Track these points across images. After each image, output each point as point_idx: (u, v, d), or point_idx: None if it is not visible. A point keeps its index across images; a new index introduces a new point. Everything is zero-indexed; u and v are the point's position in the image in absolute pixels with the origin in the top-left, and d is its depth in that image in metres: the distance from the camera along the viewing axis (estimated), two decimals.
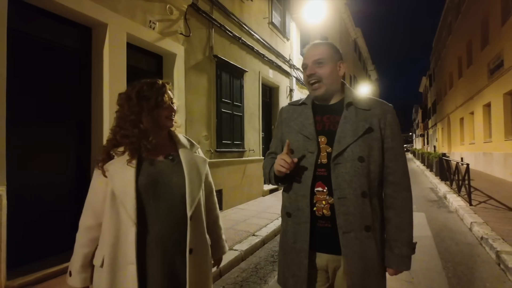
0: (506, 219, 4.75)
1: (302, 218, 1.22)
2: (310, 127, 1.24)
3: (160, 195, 1.21)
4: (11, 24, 2.58)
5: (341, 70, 1.27)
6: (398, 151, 1.23)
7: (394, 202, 1.23)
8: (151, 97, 1.23)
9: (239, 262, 3.47)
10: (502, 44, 9.91)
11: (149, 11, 3.98)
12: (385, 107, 1.25)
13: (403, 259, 1.20)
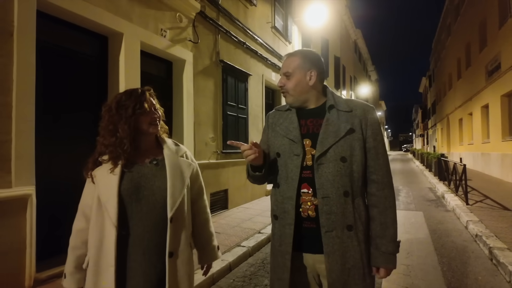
0: (501, 218, 4.96)
1: (287, 220, 1.23)
2: (295, 130, 1.28)
3: (142, 199, 1.24)
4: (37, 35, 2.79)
5: (312, 79, 1.27)
6: (380, 151, 1.25)
7: (378, 201, 1.25)
8: (129, 106, 1.26)
9: (247, 258, 3.68)
10: (499, 46, 10.11)
11: (160, 20, 4.19)
12: (366, 108, 1.28)
13: (389, 257, 1.22)
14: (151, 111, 1.30)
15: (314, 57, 1.31)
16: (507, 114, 10.10)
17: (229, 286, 2.96)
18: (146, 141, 1.33)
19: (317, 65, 1.29)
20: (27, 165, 2.63)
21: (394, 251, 1.22)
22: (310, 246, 1.23)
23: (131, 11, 3.72)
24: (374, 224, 1.24)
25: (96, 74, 3.58)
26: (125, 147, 1.23)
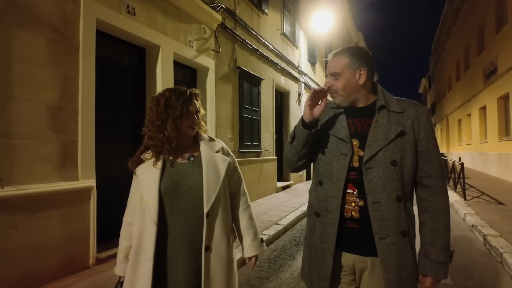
0: (495, 211, 5.43)
1: (330, 219, 1.20)
2: (344, 129, 1.23)
3: (181, 195, 1.27)
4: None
5: (362, 78, 1.21)
6: (433, 154, 1.19)
7: (430, 206, 1.18)
8: (177, 107, 1.29)
9: (268, 245, 4.14)
10: (496, 51, 10.58)
11: (189, 32, 4.66)
12: (420, 109, 1.21)
13: (440, 266, 1.15)
14: (192, 116, 1.35)
15: (363, 53, 1.24)
16: (503, 116, 10.58)
17: (258, 266, 3.41)
18: (185, 140, 1.38)
19: (367, 62, 1.22)
20: (90, 161, 3.10)
21: (445, 261, 1.15)
22: (351, 246, 1.20)
23: (165, 25, 4.19)
24: (425, 230, 1.19)
25: (135, 81, 4.05)
26: (172, 145, 1.29)
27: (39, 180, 2.66)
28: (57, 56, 2.84)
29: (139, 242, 1.25)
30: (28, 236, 2.53)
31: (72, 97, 2.96)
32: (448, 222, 1.18)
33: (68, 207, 2.85)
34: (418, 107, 1.22)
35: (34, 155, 2.64)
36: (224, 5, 5.47)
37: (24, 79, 2.58)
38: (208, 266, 1.24)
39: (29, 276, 2.52)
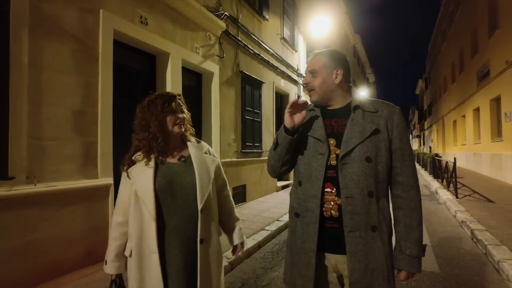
0: (484, 208, 5.74)
1: (311, 218, 1.22)
2: (321, 130, 1.26)
3: (176, 193, 1.36)
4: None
5: (338, 78, 1.26)
6: (406, 152, 1.23)
7: (403, 202, 1.23)
8: (158, 103, 1.39)
9: (271, 239, 4.42)
10: (488, 55, 10.92)
11: (195, 39, 4.94)
12: (392, 109, 1.26)
13: (413, 260, 1.19)
14: (177, 112, 1.42)
15: (341, 56, 1.30)
16: (496, 117, 10.91)
17: (262, 258, 3.69)
18: (173, 140, 1.46)
19: (343, 64, 1.28)
20: (108, 161, 3.37)
21: (418, 255, 1.20)
22: (332, 246, 1.22)
23: (174, 33, 4.47)
24: (399, 226, 1.23)
25: (146, 86, 4.32)
26: (158, 140, 1.36)
27: (65, 178, 2.93)
28: (80, 64, 3.11)
29: (140, 239, 1.31)
30: (56, 228, 2.80)
31: (92, 102, 3.23)
32: (420, 217, 1.22)
33: (89, 203, 3.12)
34: (391, 107, 1.27)
35: (60, 155, 2.90)
36: (228, 13, 5.76)
37: (52, 86, 2.84)
38: (203, 257, 1.35)
39: (56, 264, 2.79)
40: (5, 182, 2.49)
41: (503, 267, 3.05)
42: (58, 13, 2.91)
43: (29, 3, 2.67)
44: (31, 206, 2.62)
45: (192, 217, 1.35)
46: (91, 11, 3.23)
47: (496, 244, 3.65)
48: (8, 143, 2.52)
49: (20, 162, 2.59)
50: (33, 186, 2.65)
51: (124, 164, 1.40)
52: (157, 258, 1.28)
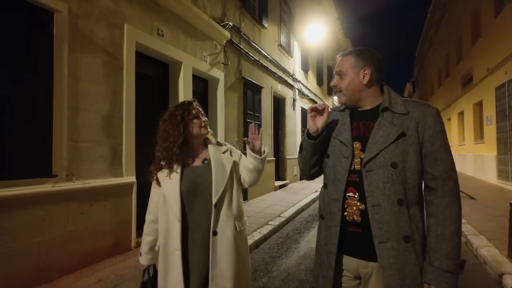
0: (467, 204, 6.27)
1: (333, 221, 1.22)
2: (346, 132, 1.24)
3: (199, 194, 1.48)
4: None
5: (365, 78, 1.21)
6: (440, 156, 1.12)
7: (436, 210, 1.12)
8: (178, 114, 1.51)
9: (275, 232, 4.82)
10: (472, 62, 11.60)
11: (203, 48, 5.32)
12: (426, 110, 1.17)
13: (443, 274, 1.06)
14: (198, 116, 1.55)
15: (370, 55, 1.24)
16: (478, 121, 11.60)
17: (269, 249, 4.08)
18: (197, 143, 1.58)
19: (372, 63, 1.23)
20: (131, 161, 3.71)
21: (450, 269, 1.07)
22: (353, 250, 1.20)
23: (186, 44, 4.83)
24: (430, 235, 1.12)
25: (160, 92, 4.67)
26: (174, 149, 1.48)
27: (97, 176, 3.27)
28: (109, 74, 3.45)
29: (166, 236, 1.44)
30: (90, 221, 3.14)
31: (118, 107, 3.57)
32: (456, 227, 1.09)
33: (116, 199, 3.46)
34: (425, 108, 1.17)
35: (93, 156, 3.24)
36: (232, 23, 6.15)
37: (86, 94, 3.18)
38: (215, 248, 1.43)
39: (92, 253, 3.13)
40: (50, 179, 2.82)
41: (480, 253, 3.53)
42: (91, 29, 3.26)
43: (69, 21, 3.01)
44: (71, 201, 2.96)
45: (211, 213, 1.45)
46: (117, 25, 3.58)
47: (475, 234, 4.14)
48: (52, 145, 2.86)
49: (61, 162, 2.92)
50: (72, 183, 2.99)
51: (152, 174, 1.54)
52: (179, 255, 1.40)
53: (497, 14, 8.86)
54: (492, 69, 9.28)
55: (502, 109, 8.68)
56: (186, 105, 1.56)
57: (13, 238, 2.49)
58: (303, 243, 4.28)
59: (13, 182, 2.54)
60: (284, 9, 9.85)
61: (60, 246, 2.84)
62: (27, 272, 2.58)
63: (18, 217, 2.53)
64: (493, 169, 9.49)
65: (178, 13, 4.57)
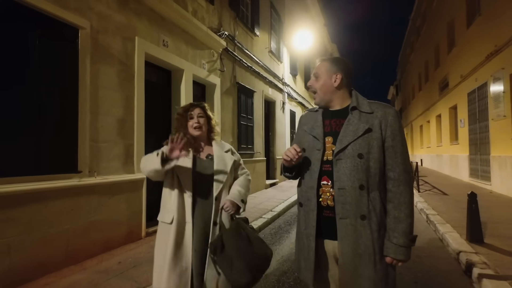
0: (439, 199, 6.95)
1: (310, 206, 1.37)
2: (318, 128, 1.42)
3: (203, 183, 1.72)
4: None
5: (337, 82, 1.39)
6: (398, 150, 1.31)
7: (393, 196, 1.30)
8: (184, 115, 1.81)
9: (268, 224, 5.32)
10: (448, 68, 12.46)
11: (202, 56, 5.78)
12: (387, 110, 1.35)
13: (399, 249, 1.26)
14: (193, 118, 1.79)
15: (343, 63, 1.44)
16: (454, 123, 12.46)
17: (263, 238, 4.58)
18: (202, 141, 1.84)
19: (343, 70, 1.41)
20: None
21: (405, 244, 1.27)
22: (329, 233, 1.35)
23: (187, 52, 5.28)
24: (389, 218, 1.31)
25: (164, 96, 5.10)
26: (191, 142, 1.78)
27: (113, 172, 3.69)
28: (122, 82, 3.88)
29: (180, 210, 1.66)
30: (109, 212, 3.56)
31: (130, 112, 4.00)
32: (409, 210, 1.30)
33: (129, 193, 3.88)
34: (387, 108, 1.37)
35: (110, 155, 3.66)
36: (227, 32, 6.63)
37: (104, 100, 3.60)
38: (213, 236, 1.65)
39: (110, 240, 3.55)
40: (76, 175, 3.23)
41: (445, 237, 4.13)
42: (109, 42, 3.68)
43: (90, 36, 3.43)
44: (93, 194, 3.37)
45: (212, 202, 1.69)
46: (130, 38, 4.01)
47: (443, 223, 4.76)
48: (77, 144, 3.27)
49: (85, 160, 3.34)
50: (94, 178, 3.41)
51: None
52: (191, 227, 1.64)
53: (468, 25, 9.67)
54: (464, 76, 10.09)
55: (473, 113, 9.48)
56: (187, 107, 1.84)
57: (48, 225, 2.90)
58: (293, 233, 4.79)
59: (48, 177, 2.95)
60: (274, 17, 10.40)
61: (84, 233, 3.25)
62: (58, 255, 2.98)
63: (52, 207, 2.94)
64: (465, 168, 10.30)
65: (180, 25, 5.02)
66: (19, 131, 2.80)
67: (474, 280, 2.89)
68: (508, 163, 7.05)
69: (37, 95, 2.94)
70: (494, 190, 7.78)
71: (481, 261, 3.11)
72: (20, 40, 2.82)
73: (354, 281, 1.29)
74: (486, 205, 6.02)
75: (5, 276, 2.55)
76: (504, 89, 7.16)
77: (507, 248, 3.50)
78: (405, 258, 1.29)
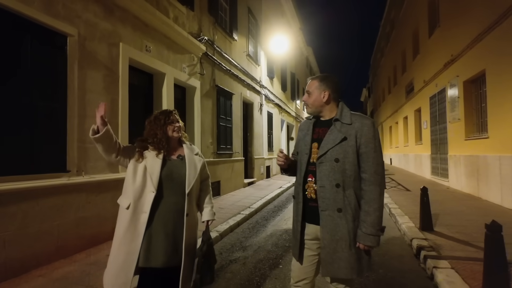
0: (402, 195, 7.62)
1: (299, 199, 1.70)
2: (308, 136, 1.71)
3: (174, 179, 1.87)
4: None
5: (325, 97, 1.67)
6: (370, 155, 1.55)
7: (364, 194, 1.56)
8: (162, 118, 1.94)
9: (246, 220, 5.67)
10: (413, 74, 13.39)
11: (183, 61, 6.03)
12: (364, 121, 1.60)
13: (368, 237, 1.52)
14: (174, 122, 1.97)
15: (330, 80, 1.70)
16: (418, 125, 13.42)
17: (242, 232, 4.92)
18: (173, 143, 2.00)
19: (330, 87, 1.68)
20: None
21: (372, 233, 1.52)
22: (312, 219, 1.66)
23: (168, 57, 5.53)
24: (361, 211, 1.56)
25: (146, 99, 5.32)
26: (163, 144, 1.90)
27: (99, 172, 3.90)
28: (108, 86, 4.09)
29: (138, 199, 1.78)
30: (96, 209, 3.77)
31: (115, 114, 4.21)
32: (378, 205, 1.54)
33: (114, 191, 4.08)
34: (364, 119, 1.61)
35: (96, 155, 3.85)
36: (207, 37, 6.92)
37: (91, 103, 3.80)
38: (187, 225, 1.87)
39: (97, 235, 3.76)
40: (65, 174, 3.43)
41: (402, 228, 4.67)
42: (95, 48, 3.88)
43: (78, 42, 3.62)
44: (81, 192, 3.58)
45: (183, 198, 1.86)
46: (115, 44, 4.22)
47: (402, 215, 5.33)
48: (66, 145, 3.47)
49: (73, 160, 3.53)
50: (82, 177, 3.61)
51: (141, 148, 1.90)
52: (146, 217, 1.77)
53: (430, 35, 10.52)
54: (427, 81, 10.95)
55: (434, 116, 10.34)
56: (168, 112, 2.00)
57: (40, 221, 3.09)
58: (269, 227, 5.19)
59: (39, 176, 3.13)
60: (252, 22, 10.77)
61: (73, 228, 3.45)
62: (50, 249, 3.18)
63: (44, 204, 3.13)
64: (428, 166, 11.19)
65: (162, 31, 5.26)
66: (14, 133, 2.97)
67: (421, 261, 3.40)
68: (461, 161, 7.85)
69: (30, 100, 3.11)
70: (451, 186, 8.60)
71: (428, 245, 3.64)
72: (14, 48, 2.99)
73: (332, 261, 1.58)
74: (441, 199, 6.73)
75: (1, 268, 2.73)
76: (458, 95, 7.95)
77: (451, 234, 4.08)
78: (372, 244, 1.54)
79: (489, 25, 6.13)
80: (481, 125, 7.20)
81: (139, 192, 1.80)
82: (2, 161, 2.87)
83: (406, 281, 2.97)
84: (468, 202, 6.39)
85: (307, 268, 1.74)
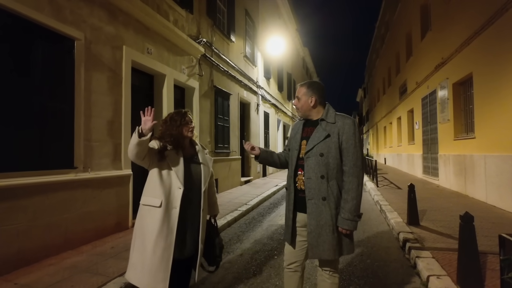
0: (393, 193, 7.89)
1: (290, 190, 1.91)
2: (298, 135, 1.96)
3: (191, 176, 2.01)
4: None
5: (312, 102, 1.89)
6: (350, 150, 1.77)
7: (344, 184, 1.77)
8: (178, 120, 2.02)
9: (243, 216, 5.90)
10: (406, 75, 13.70)
11: (182, 62, 6.24)
12: (346, 120, 1.82)
13: (346, 221, 1.74)
14: (189, 123, 2.07)
15: (317, 86, 1.93)
16: (411, 125, 13.73)
17: (239, 227, 5.15)
18: (186, 142, 2.09)
19: (317, 93, 1.90)
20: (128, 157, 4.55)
21: (349, 218, 1.73)
22: (302, 208, 1.86)
23: (168, 59, 5.74)
24: (342, 200, 1.78)
25: (146, 99, 5.52)
26: (181, 143, 2.02)
27: (104, 168, 4.10)
28: (112, 87, 4.29)
29: (168, 196, 1.90)
30: (100, 204, 3.97)
31: (118, 114, 4.42)
32: (356, 194, 1.75)
33: (118, 187, 4.30)
34: (345, 119, 1.84)
35: (101, 153, 4.07)
36: (205, 39, 7.13)
37: (96, 104, 4.01)
38: (203, 218, 2.05)
39: (101, 229, 3.96)
40: (72, 170, 3.63)
41: (391, 222, 4.93)
42: (100, 51, 4.08)
43: (84, 46, 3.83)
44: (87, 188, 3.78)
45: (199, 193, 2.02)
46: (118, 47, 4.43)
47: (391, 211, 5.59)
48: (73, 143, 3.67)
49: (80, 157, 3.74)
50: (88, 173, 3.81)
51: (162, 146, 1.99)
52: (177, 212, 1.90)
53: (422, 38, 10.81)
54: (419, 83, 11.25)
55: (426, 116, 10.64)
56: (183, 113, 2.08)
57: (50, 214, 3.29)
58: (265, 222, 5.42)
59: (49, 172, 3.34)
60: (249, 24, 10.99)
61: (80, 222, 3.66)
62: (58, 240, 3.38)
63: (53, 198, 3.33)
64: (419, 165, 11.49)
65: (163, 33, 5.47)
66: (26, 132, 3.17)
67: (406, 252, 3.65)
68: (450, 160, 8.14)
69: (40, 100, 3.31)
70: (441, 185, 8.90)
71: (413, 238, 3.89)
72: (26, 51, 3.19)
73: (318, 244, 1.78)
74: (431, 197, 7.02)
75: (15, 257, 2.93)
76: (448, 96, 8.24)
77: (436, 228, 4.34)
78: (349, 228, 1.74)
79: (476, 30, 6.41)
80: (468, 126, 7.49)
81: (168, 189, 1.91)
82: (15, 157, 3.07)
83: (390, 270, 3.22)
84: (455, 199, 6.68)
85: (298, 252, 1.96)
